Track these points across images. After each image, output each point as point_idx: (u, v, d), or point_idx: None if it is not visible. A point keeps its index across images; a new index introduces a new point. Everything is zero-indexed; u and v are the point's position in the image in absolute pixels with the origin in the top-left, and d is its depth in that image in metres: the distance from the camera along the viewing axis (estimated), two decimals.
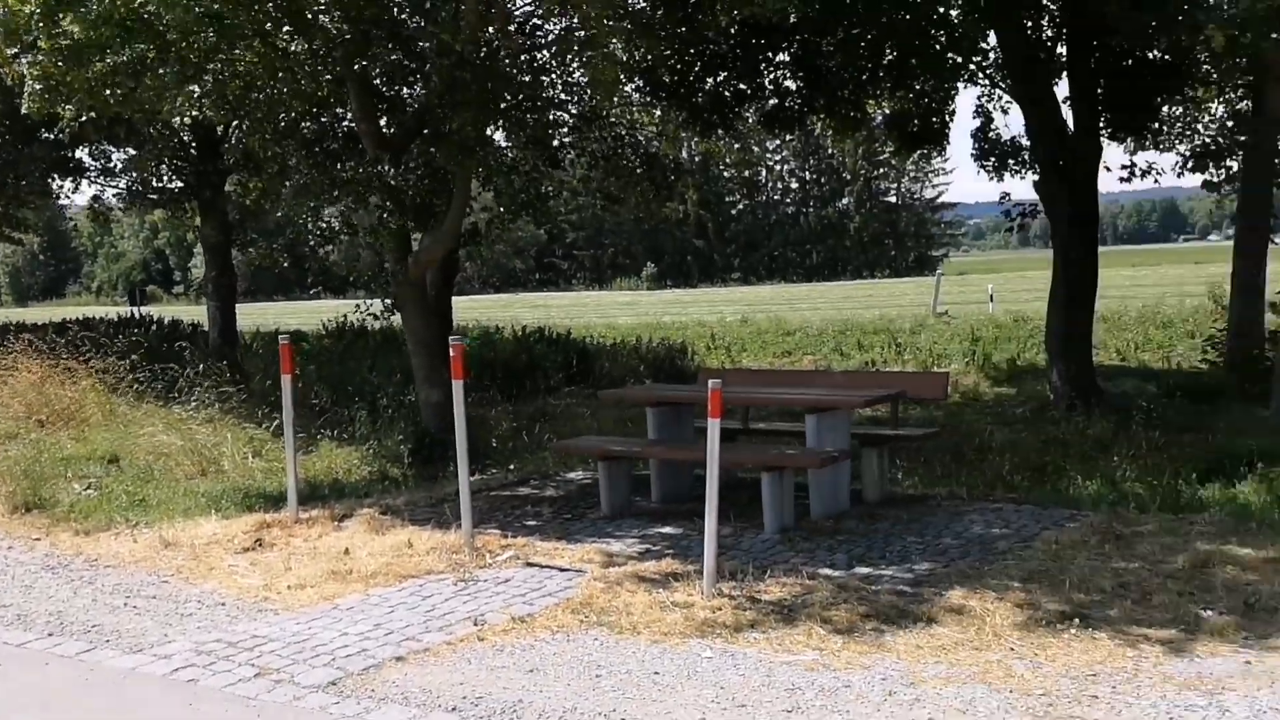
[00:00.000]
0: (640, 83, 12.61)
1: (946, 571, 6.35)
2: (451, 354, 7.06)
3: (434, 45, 9.02)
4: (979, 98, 14.39)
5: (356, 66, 9.43)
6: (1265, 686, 4.52)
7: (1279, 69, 9.47)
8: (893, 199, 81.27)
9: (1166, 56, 12.63)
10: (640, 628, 5.60)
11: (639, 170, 11.85)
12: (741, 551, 6.97)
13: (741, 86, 13.35)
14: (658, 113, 13.60)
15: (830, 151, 76.32)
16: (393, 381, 12.70)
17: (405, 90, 10.63)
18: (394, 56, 9.83)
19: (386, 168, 9.76)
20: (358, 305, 13.49)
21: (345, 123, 10.42)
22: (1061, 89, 13.21)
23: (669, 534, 7.55)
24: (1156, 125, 14.29)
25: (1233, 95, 14.95)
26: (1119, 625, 5.30)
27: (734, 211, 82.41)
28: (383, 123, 10.21)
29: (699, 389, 8.51)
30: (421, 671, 5.16)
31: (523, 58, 10.00)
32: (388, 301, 11.41)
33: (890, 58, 12.85)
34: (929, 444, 9.76)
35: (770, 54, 13.03)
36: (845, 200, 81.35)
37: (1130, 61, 12.71)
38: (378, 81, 10.22)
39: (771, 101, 13.64)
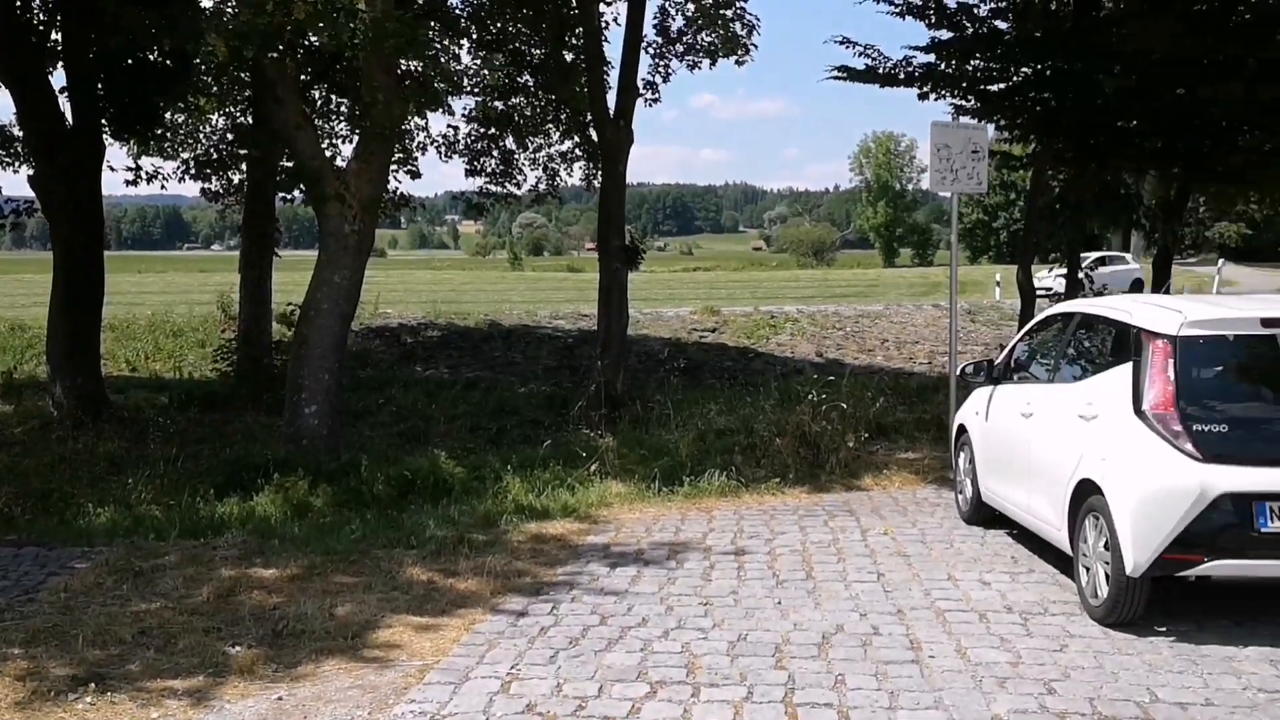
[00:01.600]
0: None
1: None
2: None
3: None
4: None
5: None
6: None
7: (281, 87, 9.71)
8: None
9: (168, 61, 12.35)
10: None
11: None
12: None
13: None
14: None
15: None
16: None
17: None
18: None
19: None
20: None
21: None
22: (60, 79, 12.17)
23: None
24: (160, 130, 13.94)
25: (233, 109, 15.28)
26: (141, 681, 4.72)
27: None
28: None
29: None
30: None
31: None
32: None
33: None
34: None
35: None
36: None
37: (132, 61, 12.16)
38: None
39: None
